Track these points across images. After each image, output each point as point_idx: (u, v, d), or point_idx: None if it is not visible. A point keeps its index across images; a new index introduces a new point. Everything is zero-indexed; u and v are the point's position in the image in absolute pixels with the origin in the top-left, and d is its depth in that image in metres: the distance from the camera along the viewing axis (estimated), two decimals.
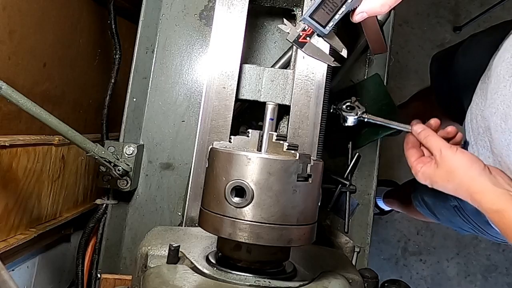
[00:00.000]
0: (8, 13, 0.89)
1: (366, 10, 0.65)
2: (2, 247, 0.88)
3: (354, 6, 0.64)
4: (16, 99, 0.78)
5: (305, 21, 0.64)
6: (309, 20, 0.64)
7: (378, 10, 0.64)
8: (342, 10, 0.64)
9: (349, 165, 1.06)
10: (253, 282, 0.61)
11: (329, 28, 0.64)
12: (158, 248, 0.69)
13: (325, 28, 0.64)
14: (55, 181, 1.07)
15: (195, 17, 1.09)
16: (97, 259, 1.07)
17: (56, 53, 1.10)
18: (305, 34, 0.66)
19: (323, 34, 0.65)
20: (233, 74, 0.83)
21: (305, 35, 0.66)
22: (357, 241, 1.06)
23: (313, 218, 0.62)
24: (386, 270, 2.20)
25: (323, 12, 0.64)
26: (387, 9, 0.64)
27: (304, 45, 0.66)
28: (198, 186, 0.80)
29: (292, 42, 0.66)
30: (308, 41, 0.66)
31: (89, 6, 1.25)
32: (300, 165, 0.59)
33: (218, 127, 0.82)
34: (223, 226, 0.59)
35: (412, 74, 2.29)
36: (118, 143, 1.02)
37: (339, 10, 0.64)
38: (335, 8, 0.64)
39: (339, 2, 0.63)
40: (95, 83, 1.32)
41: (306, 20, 0.64)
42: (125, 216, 1.08)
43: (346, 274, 0.69)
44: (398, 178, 2.18)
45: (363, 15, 0.65)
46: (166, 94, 1.08)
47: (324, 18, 0.64)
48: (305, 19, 0.64)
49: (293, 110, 0.82)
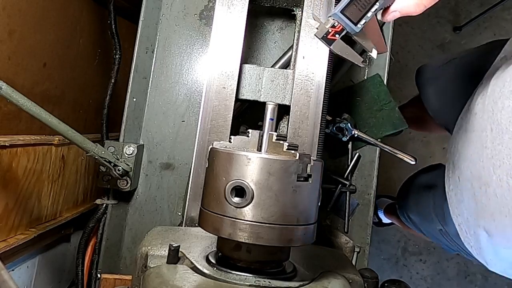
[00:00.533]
0: (8, 13, 0.89)
1: (399, 9, 0.61)
2: (2, 247, 0.88)
3: (387, 4, 0.61)
4: (16, 99, 0.78)
5: (336, 17, 0.61)
6: (340, 15, 0.60)
7: (412, 10, 0.61)
8: (375, 8, 0.60)
9: (349, 165, 1.06)
10: (253, 282, 0.61)
11: (361, 26, 0.61)
12: (158, 248, 0.69)
13: (356, 26, 0.61)
14: (55, 181, 1.07)
15: (195, 17, 1.09)
16: (97, 259, 1.07)
17: (56, 53, 1.10)
18: (334, 31, 0.62)
19: (353, 32, 0.62)
20: (233, 74, 0.83)
21: (334, 32, 0.62)
22: (357, 241, 1.06)
23: (313, 218, 0.62)
24: (386, 270, 2.20)
25: (355, 8, 0.60)
26: (422, 10, 0.61)
27: (333, 43, 0.63)
28: (198, 186, 0.80)
29: (321, 38, 0.63)
30: (337, 38, 0.62)
31: (89, 6, 1.25)
32: (300, 165, 0.59)
33: (218, 127, 0.82)
34: (223, 226, 0.59)
35: (412, 74, 2.27)
36: (118, 143, 1.02)
37: (372, 7, 0.60)
38: (367, 5, 0.60)
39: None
40: (95, 83, 1.32)
41: (336, 16, 0.61)
42: (125, 216, 1.08)
43: (346, 274, 0.69)
44: (398, 178, 2.18)
45: (395, 15, 0.62)
46: (166, 94, 1.08)
47: (356, 15, 0.60)
48: (335, 15, 0.61)
49: (293, 110, 0.82)
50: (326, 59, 0.82)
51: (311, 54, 0.82)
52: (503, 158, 0.70)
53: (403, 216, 1.41)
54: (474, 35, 2.34)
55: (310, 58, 0.82)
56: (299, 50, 0.83)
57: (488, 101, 0.74)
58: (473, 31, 2.34)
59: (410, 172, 1.48)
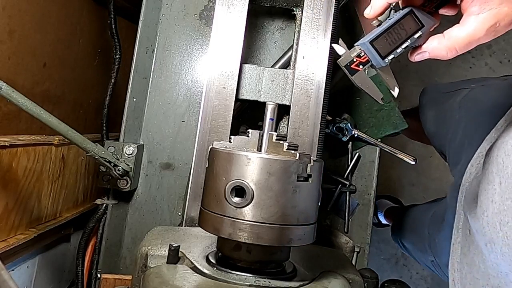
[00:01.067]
0: (8, 13, 0.89)
1: (430, 50, 0.58)
2: (2, 247, 0.88)
3: (419, 43, 0.58)
4: (16, 99, 0.78)
5: (364, 47, 0.58)
6: (369, 46, 0.57)
7: (444, 54, 0.58)
8: (406, 44, 0.58)
9: (349, 165, 1.06)
10: (253, 282, 0.61)
11: (388, 60, 0.59)
12: (158, 248, 0.69)
13: (383, 60, 0.58)
14: (55, 181, 1.07)
15: (195, 17, 1.09)
16: (97, 259, 1.07)
17: (56, 53, 1.10)
18: (359, 61, 0.59)
19: (379, 65, 0.59)
20: (233, 74, 0.83)
21: (358, 62, 0.59)
22: (357, 241, 1.06)
23: (313, 218, 0.62)
24: (386, 270, 2.20)
25: (385, 41, 0.58)
26: (453, 55, 0.58)
27: (355, 73, 0.60)
28: (198, 186, 0.80)
29: (343, 66, 0.60)
30: (360, 69, 0.60)
31: (89, 6, 1.25)
32: (300, 165, 0.59)
33: (218, 127, 0.82)
34: (223, 226, 0.59)
35: (412, 74, 2.29)
36: (118, 143, 1.02)
37: (403, 43, 0.58)
38: (398, 40, 0.58)
39: (404, 35, 0.57)
40: (95, 83, 1.32)
41: (365, 46, 0.58)
42: (125, 216, 1.08)
43: (346, 274, 0.69)
44: (398, 178, 2.18)
45: (425, 56, 0.59)
46: (166, 94, 1.08)
47: (384, 48, 0.58)
48: (364, 44, 0.58)
49: (293, 110, 0.82)
50: (326, 59, 0.82)
51: (311, 54, 0.82)
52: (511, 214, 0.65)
53: (397, 242, 1.41)
54: None
55: (310, 58, 0.82)
56: (299, 50, 0.82)
57: (499, 153, 0.69)
58: None
59: (410, 172, 1.48)
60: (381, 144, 1.05)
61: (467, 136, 1.00)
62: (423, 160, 2.18)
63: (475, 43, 0.56)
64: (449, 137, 1.10)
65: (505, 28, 0.55)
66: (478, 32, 0.55)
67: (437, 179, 2.21)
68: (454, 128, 1.09)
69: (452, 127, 1.10)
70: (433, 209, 1.17)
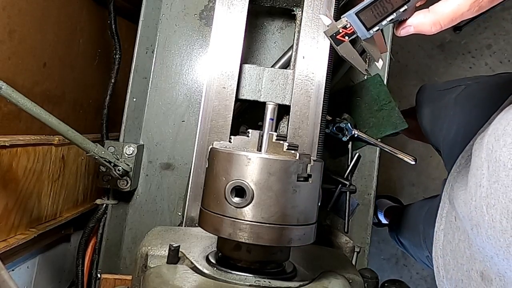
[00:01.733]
0: (8, 13, 0.89)
1: (414, 25, 0.59)
2: (2, 247, 0.88)
3: (404, 17, 0.60)
4: (16, 99, 0.78)
5: (350, 18, 0.60)
6: (354, 18, 0.60)
7: (427, 29, 0.59)
8: (391, 17, 0.59)
9: (349, 165, 1.06)
10: (253, 282, 0.61)
11: (372, 32, 0.60)
12: (158, 248, 0.69)
13: (368, 31, 0.60)
14: (55, 181, 1.07)
15: (195, 17, 1.09)
16: (97, 259, 1.07)
17: (56, 53, 1.10)
18: (344, 32, 0.61)
19: (364, 36, 0.61)
20: (233, 74, 0.83)
21: (344, 33, 0.61)
22: (357, 241, 1.06)
23: (313, 218, 0.62)
24: (386, 270, 2.20)
25: (371, 13, 0.59)
26: (438, 30, 0.59)
27: (341, 44, 0.62)
28: (198, 186, 0.80)
29: (329, 37, 0.62)
30: (346, 40, 0.61)
31: (89, 6, 1.25)
32: (300, 165, 0.59)
33: (218, 127, 0.82)
34: (223, 226, 0.59)
35: (412, 74, 2.29)
36: (118, 143, 1.02)
37: (388, 16, 0.59)
38: (384, 13, 0.59)
39: (390, 8, 0.59)
40: (95, 83, 1.32)
41: (350, 17, 0.60)
42: (125, 216, 1.08)
43: (346, 274, 0.69)
44: (398, 178, 2.18)
45: (409, 30, 0.60)
46: (166, 94, 1.08)
47: (370, 20, 0.59)
48: (350, 16, 0.60)
49: (293, 110, 0.82)
50: (326, 59, 0.82)
51: (311, 54, 0.82)
52: (498, 196, 0.65)
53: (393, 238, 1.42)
54: (474, 35, 2.34)
55: (310, 58, 0.82)
56: (299, 50, 0.83)
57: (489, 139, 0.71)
58: (473, 31, 2.34)
59: (410, 172, 1.48)
60: (381, 144, 1.05)
61: (461, 132, 1.01)
62: (423, 160, 2.18)
63: (459, 18, 0.57)
64: (444, 133, 1.11)
65: (488, 3, 0.56)
66: (462, 7, 0.56)
67: (437, 179, 2.21)
68: (449, 124, 1.10)
69: (447, 123, 1.11)
70: (428, 205, 1.17)
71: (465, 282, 0.78)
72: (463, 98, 1.12)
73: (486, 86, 1.08)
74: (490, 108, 0.92)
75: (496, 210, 0.65)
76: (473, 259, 0.75)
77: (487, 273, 0.72)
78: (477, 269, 0.74)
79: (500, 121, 0.71)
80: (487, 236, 0.67)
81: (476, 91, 1.11)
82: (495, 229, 0.65)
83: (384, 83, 1.08)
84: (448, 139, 1.07)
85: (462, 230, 0.79)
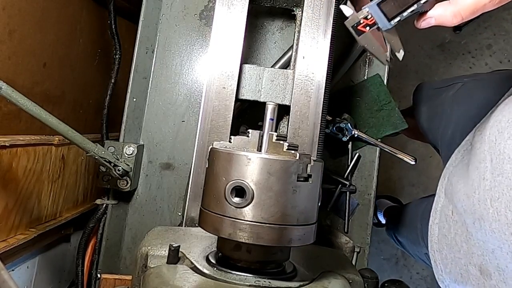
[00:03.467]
0: (8, 13, 0.89)
1: (436, 17, 0.59)
2: (2, 247, 0.88)
3: (425, 9, 0.60)
4: (16, 99, 0.78)
5: (371, 9, 0.60)
6: (376, 9, 0.59)
7: (449, 20, 0.59)
8: (412, 8, 0.59)
9: (349, 165, 1.06)
10: (253, 282, 0.61)
11: (394, 23, 0.60)
12: (158, 248, 0.69)
13: (389, 22, 0.60)
14: (55, 181, 1.07)
15: (195, 17, 1.09)
16: (97, 259, 1.07)
17: (56, 53, 1.10)
18: (365, 22, 0.61)
19: (385, 27, 0.61)
20: (233, 74, 0.83)
21: (365, 23, 0.61)
22: (357, 241, 1.06)
23: (313, 218, 0.62)
24: (386, 270, 2.20)
25: (392, 4, 0.59)
26: (459, 21, 0.58)
27: (362, 34, 0.62)
28: (198, 186, 0.80)
29: (350, 27, 0.62)
30: (366, 30, 0.61)
31: (89, 6, 1.25)
32: (300, 165, 0.59)
33: (218, 127, 0.82)
34: (223, 226, 0.59)
35: (412, 74, 2.29)
36: (118, 143, 1.02)
37: (409, 7, 0.59)
38: (405, 4, 0.59)
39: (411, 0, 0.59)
40: (95, 83, 1.32)
41: (372, 8, 0.60)
42: (125, 216, 1.08)
43: (346, 274, 0.69)
44: (398, 178, 2.18)
45: (430, 22, 0.60)
46: (166, 94, 1.08)
47: (391, 11, 0.60)
48: (371, 7, 0.60)
49: (293, 110, 0.82)
50: (326, 59, 0.82)
51: (311, 54, 0.82)
52: (503, 189, 0.65)
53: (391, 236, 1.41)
54: (474, 35, 2.34)
55: (310, 58, 0.82)
56: (299, 50, 0.82)
57: (491, 132, 0.70)
58: (473, 31, 2.34)
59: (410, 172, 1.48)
60: (381, 144, 1.05)
61: (459, 129, 1.01)
62: (423, 160, 2.18)
63: (481, 10, 0.57)
64: (441, 130, 1.11)
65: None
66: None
67: (437, 179, 2.21)
68: (446, 121, 1.10)
69: (444, 120, 1.11)
70: (425, 203, 1.17)
71: (464, 276, 0.78)
72: (460, 96, 1.12)
73: (483, 83, 1.09)
74: (487, 104, 0.92)
75: (501, 203, 0.65)
76: (470, 253, 0.75)
77: (485, 267, 0.72)
78: (475, 263, 0.74)
79: (503, 113, 0.71)
80: (491, 229, 0.67)
81: (473, 88, 1.11)
82: (500, 222, 0.65)
83: (384, 83, 1.08)
84: (445, 137, 1.07)
85: (460, 224, 0.79)
